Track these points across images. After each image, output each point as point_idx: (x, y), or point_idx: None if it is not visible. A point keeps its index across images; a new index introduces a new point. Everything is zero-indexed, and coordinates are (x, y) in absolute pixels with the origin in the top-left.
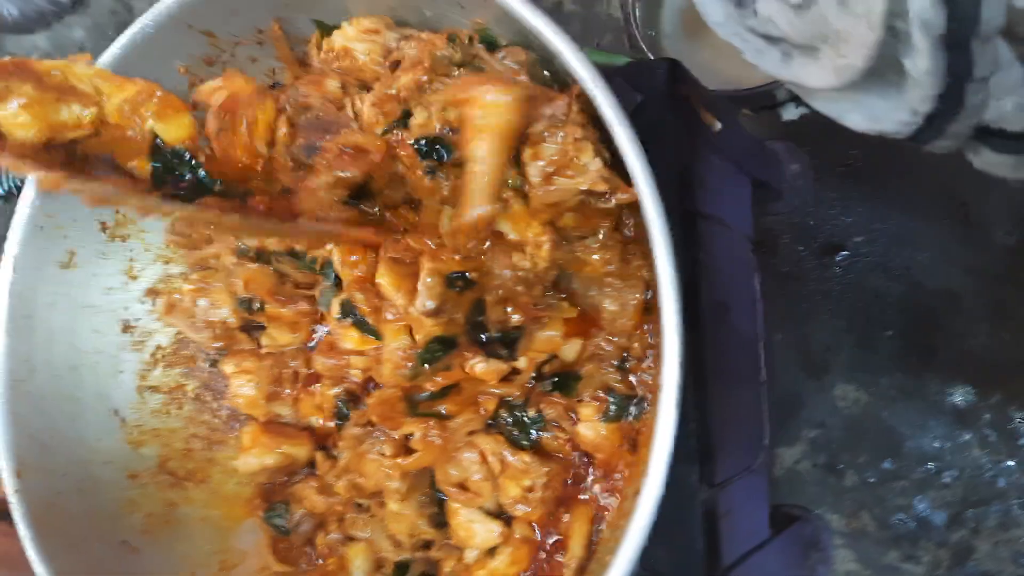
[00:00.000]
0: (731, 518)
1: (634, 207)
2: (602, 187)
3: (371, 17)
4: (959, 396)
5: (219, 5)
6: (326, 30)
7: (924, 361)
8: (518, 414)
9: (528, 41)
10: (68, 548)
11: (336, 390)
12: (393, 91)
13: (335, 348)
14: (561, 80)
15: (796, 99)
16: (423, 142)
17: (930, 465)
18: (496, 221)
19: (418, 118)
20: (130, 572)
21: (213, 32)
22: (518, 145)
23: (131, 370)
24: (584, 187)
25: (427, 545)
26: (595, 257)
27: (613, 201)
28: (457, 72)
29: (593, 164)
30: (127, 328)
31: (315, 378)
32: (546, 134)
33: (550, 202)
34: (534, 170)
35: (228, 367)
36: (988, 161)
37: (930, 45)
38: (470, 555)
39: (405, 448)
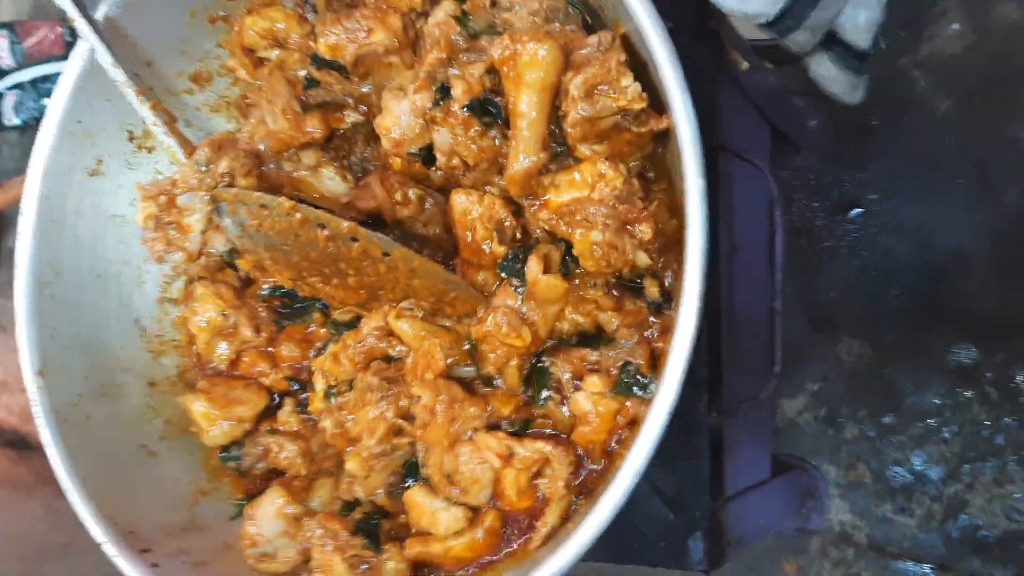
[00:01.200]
0: (735, 452)
1: (661, 141)
2: (639, 104)
3: None
4: (963, 354)
5: None
6: None
7: (930, 319)
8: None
9: None
10: (87, 449)
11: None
12: (423, 73)
13: None
14: (594, 13)
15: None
16: (474, 103)
17: (930, 421)
18: (559, 187)
19: (458, 88)
20: (148, 475)
21: None
22: (557, 96)
23: (153, 281)
24: (623, 103)
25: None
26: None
27: (646, 127)
28: (483, 40)
29: (633, 85)
30: None
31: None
32: (590, 59)
33: (587, 116)
34: (576, 83)
35: (200, 288)
36: (825, 72)
37: None
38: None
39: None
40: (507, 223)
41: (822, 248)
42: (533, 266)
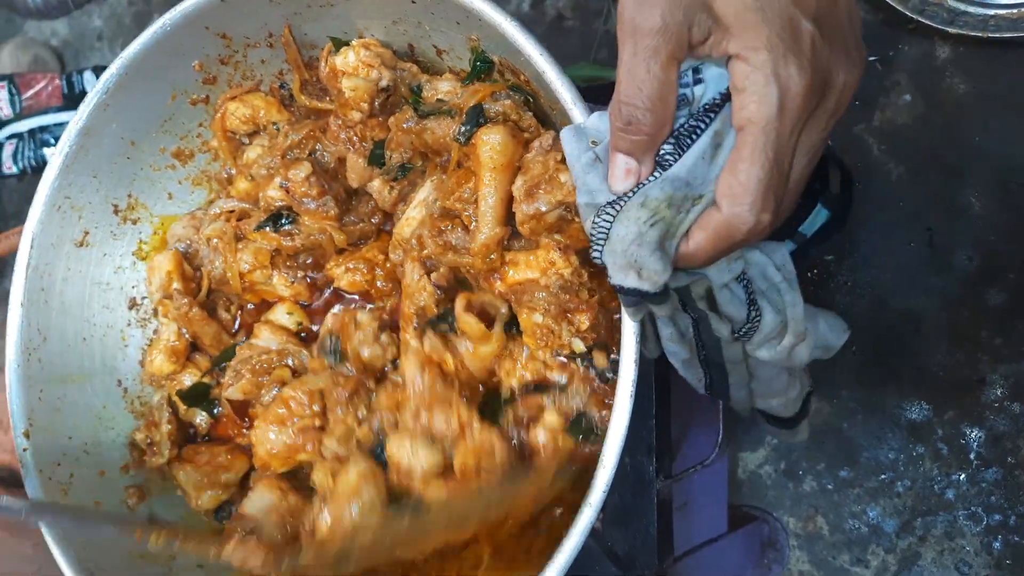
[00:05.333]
0: (687, 510)
1: None
2: (573, 197)
3: (372, 51)
4: (915, 411)
5: (235, 10)
6: (339, 45)
7: (884, 377)
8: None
9: (517, 60)
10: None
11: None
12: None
13: None
14: (543, 116)
15: None
16: None
17: (884, 475)
18: (517, 264)
19: None
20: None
21: (228, 34)
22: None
23: (136, 344)
24: (559, 198)
25: None
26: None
27: None
28: (431, 120)
29: (569, 179)
30: (134, 305)
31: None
32: (533, 162)
33: (531, 214)
34: (517, 186)
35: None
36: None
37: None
38: None
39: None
40: (429, 308)
41: None
42: (459, 303)
